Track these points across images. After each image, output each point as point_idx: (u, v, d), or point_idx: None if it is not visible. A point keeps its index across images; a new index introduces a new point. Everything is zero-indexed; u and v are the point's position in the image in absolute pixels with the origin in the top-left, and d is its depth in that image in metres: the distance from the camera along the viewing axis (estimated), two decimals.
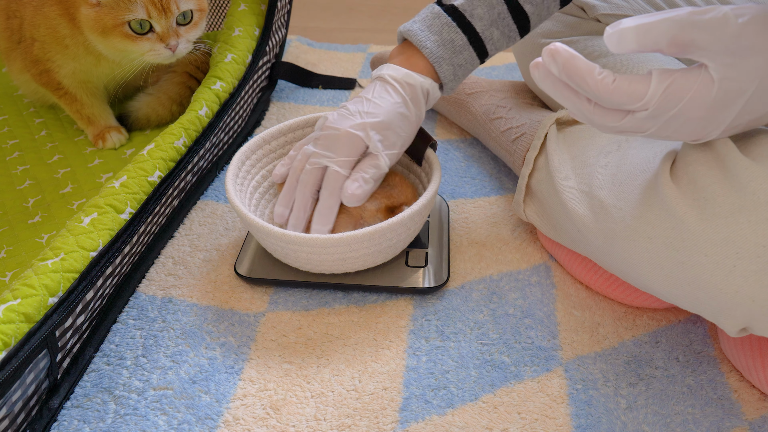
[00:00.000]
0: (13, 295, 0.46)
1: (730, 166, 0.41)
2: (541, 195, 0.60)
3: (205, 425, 0.48)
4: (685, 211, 0.42)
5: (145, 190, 0.60)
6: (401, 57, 0.58)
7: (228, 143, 0.80)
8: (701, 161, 0.43)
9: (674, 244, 0.43)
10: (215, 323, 0.57)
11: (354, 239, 0.52)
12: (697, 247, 0.42)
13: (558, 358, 0.53)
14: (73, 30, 0.70)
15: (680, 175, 0.44)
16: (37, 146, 0.81)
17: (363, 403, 0.50)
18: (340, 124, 0.55)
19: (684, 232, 0.43)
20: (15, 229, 0.67)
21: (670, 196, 0.43)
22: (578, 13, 0.67)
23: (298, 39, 1.13)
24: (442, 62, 0.57)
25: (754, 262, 0.40)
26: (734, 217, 0.40)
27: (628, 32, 0.36)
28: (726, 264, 0.41)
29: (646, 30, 0.36)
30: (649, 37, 0.36)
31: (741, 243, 0.40)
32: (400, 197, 0.59)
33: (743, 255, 0.40)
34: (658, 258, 0.45)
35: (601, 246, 0.50)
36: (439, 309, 0.58)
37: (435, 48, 0.57)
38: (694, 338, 0.55)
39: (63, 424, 0.49)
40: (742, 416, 0.48)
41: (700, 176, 0.42)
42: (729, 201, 0.41)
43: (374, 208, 0.57)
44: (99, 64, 0.74)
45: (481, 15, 0.56)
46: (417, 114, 0.57)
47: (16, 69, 0.80)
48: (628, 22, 0.36)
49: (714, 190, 0.41)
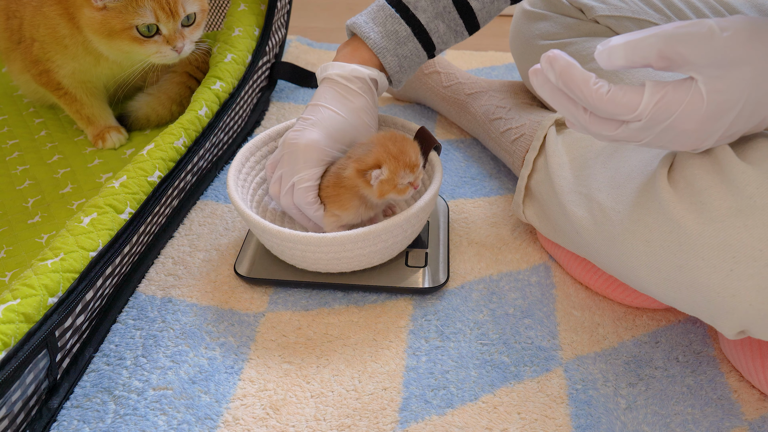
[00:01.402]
0: (13, 295, 0.46)
1: (727, 170, 0.41)
2: (540, 196, 0.60)
3: (205, 425, 0.48)
4: (683, 215, 0.43)
5: (145, 190, 0.60)
6: (347, 49, 0.60)
7: (228, 143, 0.80)
8: (698, 165, 0.43)
9: (671, 247, 0.43)
10: (215, 323, 0.57)
11: (348, 239, 0.53)
12: (695, 251, 0.42)
13: (558, 358, 0.53)
14: (72, 30, 0.70)
15: (678, 179, 0.44)
16: (36, 146, 0.81)
17: (363, 403, 0.50)
18: (299, 139, 0.56)
19: (681, 235, 0.43)
20: (15, 229, 0.67)
21: (667, 200, 0.44)
22: (576, 15, 0.67)
23: (298, 39, 1.13)
24: (386, 53, 0.58)
25: (751, 266, 0.40)
26: (731, 220, 0.40)
27: (617, 49, 0.37)
28: (723, 267, 0.41)
29: (634, 46, 0.37)
30: (637, 53, 0.37)
31: (738, 247, 0.40)
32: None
33: (740, 259, 0.40)
34: (656, 261, 0.45)
35: (599, 248, 0.50)
36: (438, 309, 0.58)
37: (379, 39, 0.58)
38: (694, 338, 0.55)
39: (63, 424, 0.49)
40: (741, 416, 0.49)
41: (698, 180, 0.42)
42: (726, 205, 0.41)
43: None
44: (98, 64, 0.74)
45: (425, 7, 0.57)
46: (371, 105, 0.59)
47: (17, 69, 0.80)
48: (617, 39, 0.37)
49: (711, 193, 0.42)
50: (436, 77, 0.85)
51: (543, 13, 0.70)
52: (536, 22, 0.70)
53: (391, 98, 0.94)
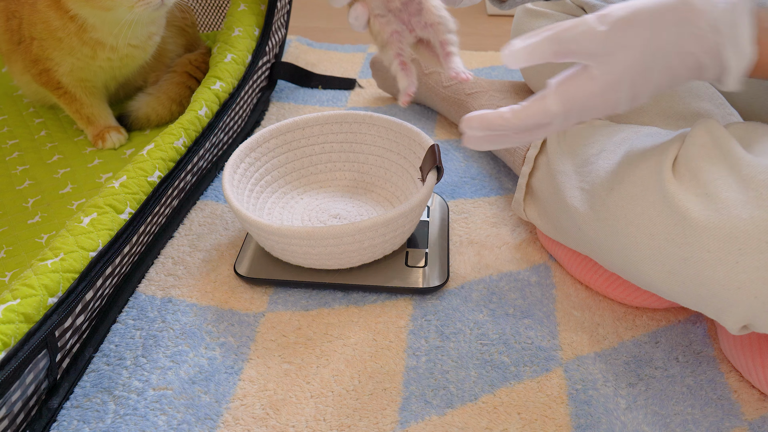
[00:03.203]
0: (13, 295, 0.46)
1: (733, 162, 0.42)
2: (541, 194, 0.60)
3: (205, 425, 0.48)
4: (688, 207, 0.43)
5: (145, 191, 0.60)
6: None
7: (228, 143, 0.80)
8: (704, 157, 0.43)
9: (676, 240, 0.43)
10: (215, 323, 0.57)
11: (345, 232, 0.53)
12: (700, 243, 0.42)
13: (558, 359, 0.53)
14: (64, 20, 0.70)
15: (682, 171, 0.44)
16: (36, 146, 0.81)
17: (363, 404, 0.50)
18: None
19: (686, 228, 0.43)
20: (14, 230, 0.67)
21: (672, 192, 0.44)
22: (579, 13, 0.67)
23: (298, 39, 1.13)
24: None
25: (757, 258, 0.40)
26: (737, 212, 0.41)
27: (519, 52, 0.42)
28: (729, 260, 0.41)
29: (532, 49, 0.42)
30: (536, 54, 0.42)
31: (744, 239, 0.40)
32: None
33: (746, 250, 0.40)
34: (660, 255, 0.45)
35: (602, 244, 0.50)
36: (438, 309, 0.58)
37: None
38: (694, 338, 0.55)
39: (62, 424, 0.49)
40: (741, 416, 0.49)
41: (703, 172, 0.43)
42: (732, 196, 0.41)
43: None
44: (95, 56, 0.73)
45: None
46: None
47: (18, 70, 0.80)
48: (518, 43, 0.42)
49: (717, 185, 0.42)
50: (436, 77, 0.85)
51: (545, 11, 0.70)
52: (538, 19, 0.70)
53: (392, 99, 0.94)
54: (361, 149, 0.71)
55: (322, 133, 0.70)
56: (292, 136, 0.69)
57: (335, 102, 0.93)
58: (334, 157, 0.71)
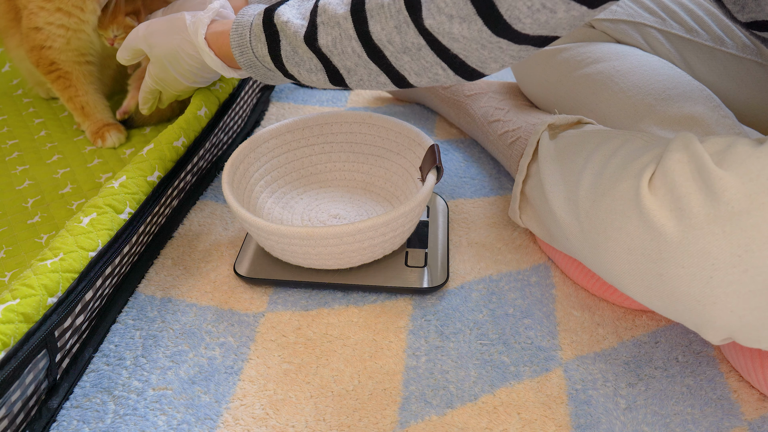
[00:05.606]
0: (12, 295, 0.46)
1: (705, 176, 0.41)
2: (534, 202, 0.60)
3: (205, 425, 0.48)
4: (663, 223, 0.42)
5: (144, 191, 0.60)
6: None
7: (227, 143, 0.80)
8: (678, 171, 0.42)
9: (652, 255, 0.43)
10: (215, 323, 0.57)
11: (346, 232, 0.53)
12: (674, 259, 0.42)
13: (557, 359, 0.53)
14: None
15: (658, 186, 0.43)
16: (36, 146, 0.80)
17: (362, 404, 0.50)
18: None
19: (661, 243, 0.42)
20: (14, 230, 0.67)
21: (648, 207, 0.43)
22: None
23: None
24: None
25: (730, 273, 0.40)
26: (710, 227, 0.40)
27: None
28: (703, 275, 0.41)
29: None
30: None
31: (717, 254, 0.40)
32: None
33: (719, 266, 0.40)
34: (638, 270, 0.45)
35: (586, 255, 0.50)
36: (438, 309, 0.58)
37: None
38: (694, 338, 0.55)
39: (62, 424, 0.49)
40: (741, 416, 0.49)
41: (678, 186, 0.42)
42: (704, 212, 0.40)
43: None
44: (84, 8, 0.70)
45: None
46: None
47: (13, 45, 0.79)
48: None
49: (690, 200, 0.41)
50: None
51: None
52: None
53: (392, 98, 0.94)
54: (360, 149, 0.71)
55: (322, 133, 0.70)
56: (291, 136, 0.69)
57: (335, 102, 0.93)
58: (334, 157, 0.71)
